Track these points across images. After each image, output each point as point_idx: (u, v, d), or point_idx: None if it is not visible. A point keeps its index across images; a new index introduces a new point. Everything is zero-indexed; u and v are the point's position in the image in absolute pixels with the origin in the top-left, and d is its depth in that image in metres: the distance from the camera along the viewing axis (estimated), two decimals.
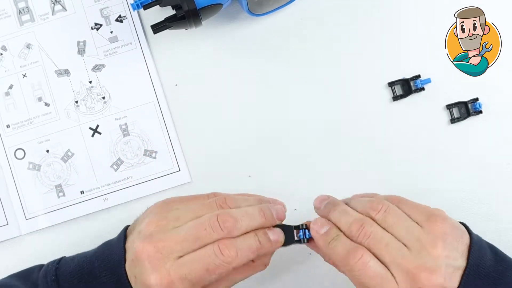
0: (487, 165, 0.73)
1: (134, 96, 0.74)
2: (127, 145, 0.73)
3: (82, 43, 0.74)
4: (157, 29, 0.67)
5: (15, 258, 0.72)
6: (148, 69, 0.74)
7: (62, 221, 0.72)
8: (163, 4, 0.66)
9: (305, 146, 0.73)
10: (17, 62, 0.74)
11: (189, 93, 0.74)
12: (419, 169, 0.73)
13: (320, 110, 0.73)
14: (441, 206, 0.72)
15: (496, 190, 0.73)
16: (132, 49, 0.74)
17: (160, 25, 0.67)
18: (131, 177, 0.73)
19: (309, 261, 0.71)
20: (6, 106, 0.73)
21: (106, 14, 0.75)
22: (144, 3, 0.64)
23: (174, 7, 0.66)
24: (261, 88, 0.74)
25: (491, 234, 0.72)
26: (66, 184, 0.72)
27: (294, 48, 0.74)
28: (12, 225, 0.72)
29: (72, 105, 0.73)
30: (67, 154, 0.73)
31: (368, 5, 0.75)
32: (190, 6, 0.65)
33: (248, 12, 0.69)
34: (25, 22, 0.74)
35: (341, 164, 0.73)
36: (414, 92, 0.73)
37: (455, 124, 0.73)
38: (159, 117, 0.73)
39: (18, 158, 0.73)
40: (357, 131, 0.73)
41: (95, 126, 0.73)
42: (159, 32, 0.68)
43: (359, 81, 0.74)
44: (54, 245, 0.72)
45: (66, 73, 0.74)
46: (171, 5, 0.66)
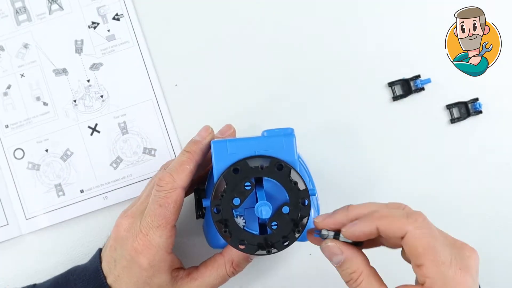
0: (487, 165, 0.73)
1: (132, 94, 0.73)
2: (126, 143, 0.73)
3: (79, 42, 0.74)
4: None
5: (15, 258, 0.72)
6: (146, 66, 0.73)
7: (62, 220, 0.72)
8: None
9: (305, 146, 0.73)
10: (15, 62, 0.73)
11: (187, 90, 0.74)
12: (419, 169, 0.73)
13: (320, 110, 0.73)
14: (440, 205, 0.73)
15: (496, 190, 0.73)
16: (129, 47, 0.74)
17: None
18: (131, 175, 0.73)
19: (309, 261, 0.71)
20: (4, 106, 0.73)
21: (103, 12, 0.74)
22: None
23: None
24: (261, 88, 0.74)
25: (490, 233, 0.73)
26: (66, 183, 0.72)
27: (294, 48, 0.74)
28: (12, 225, 0.72)
29: (71, 104, 0.73)
30: (66, 153, 0.73)
31: (368, 5, 0.74)
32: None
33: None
34: (22, 22, 0.74)
35: (341, 164, 0.73)
36: (414, 92, 0.73)
37: (455, 124, 0.73)
38: (157, 114, 0.73)
39: (17, 158, 0.73)
40: (357, 131, 0.73)
41: (94, 124, 0.73)
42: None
43: (359, 81, 0.73)
44: (54, 244, 0.72)
45: (64, 72, 0.73)
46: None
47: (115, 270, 0.61)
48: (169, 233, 0.59)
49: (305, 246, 0.71)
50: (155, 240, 0.59)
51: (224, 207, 0.55)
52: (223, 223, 0.55)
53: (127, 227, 0.61)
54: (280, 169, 0.56)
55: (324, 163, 0.73)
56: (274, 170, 0.56)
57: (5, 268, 0.72)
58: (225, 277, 0.63)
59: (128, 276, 0.60)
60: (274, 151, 0.57)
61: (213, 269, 0.62)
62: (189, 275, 0.62)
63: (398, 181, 0.73)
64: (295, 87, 0.74)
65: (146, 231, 0.59)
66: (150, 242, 0.59)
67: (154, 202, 0.59)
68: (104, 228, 0.72)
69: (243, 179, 0.55)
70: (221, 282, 0.63)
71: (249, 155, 0.57)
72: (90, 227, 0.72)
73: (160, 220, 0.59)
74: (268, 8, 0.74)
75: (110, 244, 0.63)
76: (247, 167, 0.56)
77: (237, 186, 0.55)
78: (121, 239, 0.61)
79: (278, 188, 0.56)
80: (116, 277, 0.61)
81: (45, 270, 0.72)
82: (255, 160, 0.56)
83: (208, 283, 0.62)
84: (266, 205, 0.54)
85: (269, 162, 0.56)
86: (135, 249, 0.59)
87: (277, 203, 0.56)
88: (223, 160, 0.57)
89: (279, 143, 0.57)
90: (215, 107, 0.74)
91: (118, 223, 0.62)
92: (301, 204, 0.55)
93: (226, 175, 0.56)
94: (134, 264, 0.59)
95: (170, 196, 0.59)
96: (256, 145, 0.57)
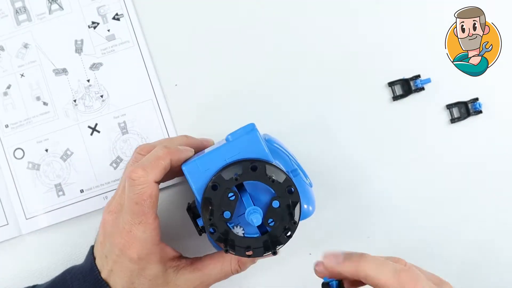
0: (487, 165, 0.73)
1: (132, 94, 0.73)
2: (126, 143, 0.73)
3: (79, 42, 0.74)
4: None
5: (15, 258, 0.72)
6: (146, 66, 0.73)
7: (62, 220, 0.72)
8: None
9: (305, 147, 0.73)
10: (15, 62, 0.73)
11: (187, 90, 0.74)
12: (418, 169, 0.73)
13: (320, 110, 0.73)
14: (440, 205, 0.73)
15: (496, 190, 0.73)
16: (129, 47, 0.74)
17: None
18: None
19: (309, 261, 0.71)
20: (4, 106, 0.73)
21: (103, 12, 0.74)
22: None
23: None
24: (261, 88, 0.74)
25: (491, 233, 0.73)
26: (66, 183, 0.72)
27: (295, 48, 0.74)
28: (12, 225, 0.72)
29: (71, 104, 0.73)
30: (66, 153, 0.73)
31: (368, 5, 0.74)
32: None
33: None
34: (22, 21, 0.74)
35: (340, 164, 0.73)
36: (414, 92, 0.72)
37: (455, 124, 0.73)
38: (157, 114, 0.73)
39: (17, 158, 0.73)
40: (357, 131, 0.73)
41: (94, 124, 0.73)
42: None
43: (359, 81, 0.73)
44: (54, 244, 0.72)
45: (64, 72, 0.73)
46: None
47: (107, 265, 0.61)
48: (152, 226, 0.59)
49: (305, 246, 0.71)
50: (139, 235, 0.58)
51: (218, 224, 0.55)
52: (222, 241, 0.56)
53: (112, 223, 0.60)
54: (254, 169, 0.55)
55: (323, 162, 0.73)
56: (249, 173, 0.55)
57: (5, 268, 0.72)
58: (228, 274, 0.63)
59: (120, 270, 0.60)
60: (244, 152, 0.57)
61: (219, 263, 0.62)
62: (192, 265, 0.62)
63: (398, 181, 0.73)
64: (295, 87, 0.74)
65: (129, 228, 0.58)
66: (134, 237, 0.58)
67: (129, 199, 0.58)
68: None
69: (224, 192, 0.55)
70: (222, 277, 0.63)
71: (222, 165, 0.57)
72: (90, 227, 0.72)
73: (139, 217, 0.58)
74: (268, 8, 0.74)
75: (100, 240, 0.63)
76: (223, 180, 0.55)
77: (222, 200, 0.55)
78: (109, 235, 0.61)
79: (260, 186, 0.56)
80: (110, 272, 0.61)
81: (45, 270, 0.72)
82: (229, 169, 0.56)
83: (211, 276, 0.62)
84: (255, 211, 0.54)
85: (242, 167, 0.56)
86: (122, 245, 0.59)
87: (266, 199, 0.56)
88: (199, 179, 0.57)
89: (245, 142, 0.57)
90: (215, 107, 0.74)
91: (104, 219, 0.62)
92: (288, 193, 0.55)
93: (207, 194, 0.55)
94: (124, 259, 0.59)
95: (144, 192, 0.57)
96: (225, 153, 0.57)
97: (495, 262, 0.73)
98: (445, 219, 0.73)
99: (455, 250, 0.73)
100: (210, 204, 0.55)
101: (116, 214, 0.61)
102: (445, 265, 0.72)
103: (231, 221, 0.56)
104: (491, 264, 0.73)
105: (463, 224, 0.73)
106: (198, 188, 0.57)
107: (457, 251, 0.73)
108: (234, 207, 0.55)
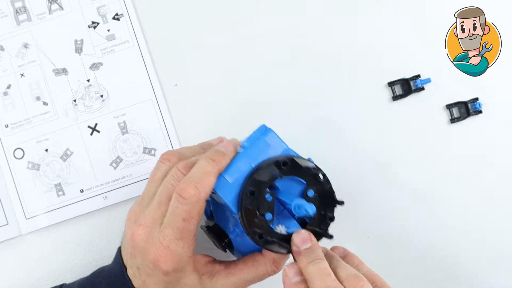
0: (487, 165, 0.73)
1: (132, 93, 0.73)
2: (126, 143, 0.73)
3: (79, 42, 0.74)
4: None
5: (15, 258, 0.72)
6: (146, 66, 0.73)
7: (62, 220, 0.72)
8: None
9: (304, 146, 0.72)
10: (15, 62, 0.73)
11: (187, 90, 0.74)
12: (418, 169, 0.73)
13: (320, 110, 0.73)
14: (440, 205, 0.73)
15: (496, 190, 0.73)
16: (129, 47, 0.74)
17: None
18: (131, 175, 0.73)
19: None
20: (4, 106, 0.73)
21: (103, 12, 0.74)
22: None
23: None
24: (261, 88, 0.74)
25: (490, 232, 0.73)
26: (66, 183, 0.72)
27: (295, 48, 0.74)
28: (12, 225, 0.72)
29: (71, 104, 0.73)
30: (66, 153, 0.73)
31: (368, 5, 0.74)
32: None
33: None
34: (22, 21, 0.74)
35: (340, 164, 0.73)
36: (414, 92, 0.73)
37: (455, 124, 0.73)
38: (157, 114, 0.73)
39: (17, 157, 0.73)
40: (357, 131, 0.73)
41: (94, 124, 0.73)
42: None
43: (359, 81, 0.74)
44: (54, 244, 0.72)
45: (64, 72, 0.73)
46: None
47: (140, 276, 0.60)
48: (191, 242, 0.57)
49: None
50: (177, 251, 0.57)
51: (262, 229, 0.55)
52: (273, 242, 0.56)
53: (144, 238, 0.58)
54: (285, 165, 0.56)
55: (323, 162, 0.72)
56: (283, 169, 0.56)
57: (5, 268, 0.72)
58: (265, 276, 0.62)
59: (154, 282, 0.59)
60: (266, 153, 0.57)
61: (253, 267, 0.61)
62: (226, 269, 0.61)
63: (398, 181, 0.73)
64: (295, 88, 0.74)
65: (167, 243, 0.56)
66: (172, 253, 0.57)
67: (176, 215, 0.56)
68: (104, 227, 0.72)
69: (261, 195, 0.55)
70: (258, 280, 0.62)
71: (249, 171, 0.57)
72: (90, 227, 0.72)
73: (183, 233, 0.56)
74: (268, 8, 0.74)
75: (129, 252, 0.60)
76: (257, 183, 0.55)
77: (261, 204, 0.55)
78: (140, 250, 0.59)
79: (289, 182, 0.57)
80: (143, 282, 0.60)
81: (45, 270, 0.72)
82: (259, 172, 0.56)
83: (246, 280, 0.61)
84: (302, 201, 0.55)
85: (275, 166, 0.56)
86: (157, 260, 0.57)
87: (298, 192, 0.57)
88: (230, 191, 0.57)
89: (264, 143, 0.58)
90: (215, 107, 0.74)
91: (133, 232, 0.59)
92: (319, 179, 0.56)
93: (246, 201, 0.55)
94: (158, 273, 0.58)
95: (194, 210, 0.56)
96: (248, 159, 0.57)
97: (495, 262, 0.73)
98: (444, 218, 0.73)
99: (454, 250, 0.73)
100: (251, 211, 0.55)
101: (149, 229, 0.58)
102: (445, 265, 0.72)
103: (272, 222, 0.56)
104: (492, 264, 0.73)
105: (463, 223, 0.73)
106: (232, 200, 0.56)
107: (456, 251, 0.73)
108: (273, 207, 0.56)
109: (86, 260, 0.71)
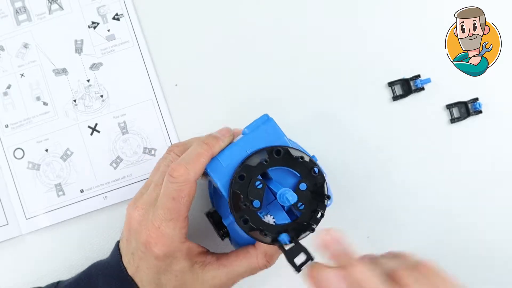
0: (487, 164, 0.73)
1: (132, 94, 0.73)
2: (126, 143, 0.73)
3: (79, 42, 0.74)
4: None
5: (15, 258, 0.72)
6: (146, 66, 0.73)
7: (62, 220, 0.72)
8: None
9: (304, 146, 0.73)
10: (15, 62, 0.73)
11: (187, 90, 0.74)
12: (418, 169, 0.73)
13: (320, 110, 0.73)
14: (440, 205, 0.73)
15: (496, 190, 0.73)
16: (129, 47, 0.74)
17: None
18: (131, 175, 0.73)
19: None
20: (4, 106, 0.73)
21: (103, 12, 0.74)
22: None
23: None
24: (261, 88, 0.74)
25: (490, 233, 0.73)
26: (66, 183, 0.72)
27: (294, 48, 0.74)
28: (12, 225, 0.72)
29: (71, 104, 0.73)
30: (66, 153, 0.73)
31: (368, 5, 0.74)
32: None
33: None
34: (22, 21, 0.74)
35: (340, 164, 0.73)
36: (414, 92, 0.73)
37: (455, 124, 0.73)
38: (157, 114, 0.73)
39: (17, 157, 0.73)
40: (357, 131, 0.73)
41: (94, 124, 0.73)
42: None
43: (359, 81, 0.73)
44: (54, 244, 0.72)
45: (64, 72, 0.73)
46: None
47: (134, 262, 0.60)
48: (182, 224, 0.58)
49: (305, 246, 0.71)
50: (168, 233, 0.58)
51: (249, 215, 0.55)
52: (257, 229, 0.56)
53: (139, 219, 0.59)
54: (278, 154, 0.56)
55: (324, 162, 0.73)
56: (275, 158, 0.56)
57: (5, 268, 0.72)
58: (256, 269, 0.62)
59: (146, 266, 0.60)
60: (264, 141, 0.58)
61: (245, 259, 0.62)
62: (218, 261, 0.62)
63: (398, 181, 0.73)
64: (295, 87, 0.74)
65: (158, 224, 0.58)
66: (163, 234, 0.58)
67: (166, 194, 0.58)
68: (104, 227, 0.72)
69: (251, 181, 0.55)
70: (250, 273, 0.62)
71: (244, 157, 0.57)
72: (90, 227, 0.72)
73: (173, 213, 0.57)
74: (267, 8, 0.74)
75: (125, 238, 0.62)
76: (249, 168, 0.56)
77: (250, 190, 0.55)
78: (134, 232, 0.60)
79: (283, 173, 0.57)
80: (136, 268, 0.60)
81: (45, 270, 0.72)
82: (253, 158, 0.57)
83: (237, 272, 0.61)
84: (288, 190, 0.54)
85: (266, 153, 0.56)
86: (149, 242, 0.58)
87: (291, 184, 0.57)
88: (223, 175, 0.57)
89: (263, 131, 0.58)
90: (215, 107, 0.74)
91: (130, 215, 0.61)
92: (313, 173, 0.56)
93: (235, 185, 0.56)
94: (150, 256, 0.59)
95: (183, 189, 0.57)
96: (245, 145, 0.58)
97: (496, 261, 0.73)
98: (444, 218, 0.73)
99: (454, 249, 0.73)
100: (238, 195, 0.56)
101: (144, 211, 0.60)
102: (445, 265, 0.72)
103: (260, 211, 0.56)
104: (492, 263, 0.73)
105: (462, 223, 0.73)
106: (224, 184, 0.57)
107: (456, 250, 0.73)
108: (262, 195, 0.56)
109: (86, 260, 0.71)
